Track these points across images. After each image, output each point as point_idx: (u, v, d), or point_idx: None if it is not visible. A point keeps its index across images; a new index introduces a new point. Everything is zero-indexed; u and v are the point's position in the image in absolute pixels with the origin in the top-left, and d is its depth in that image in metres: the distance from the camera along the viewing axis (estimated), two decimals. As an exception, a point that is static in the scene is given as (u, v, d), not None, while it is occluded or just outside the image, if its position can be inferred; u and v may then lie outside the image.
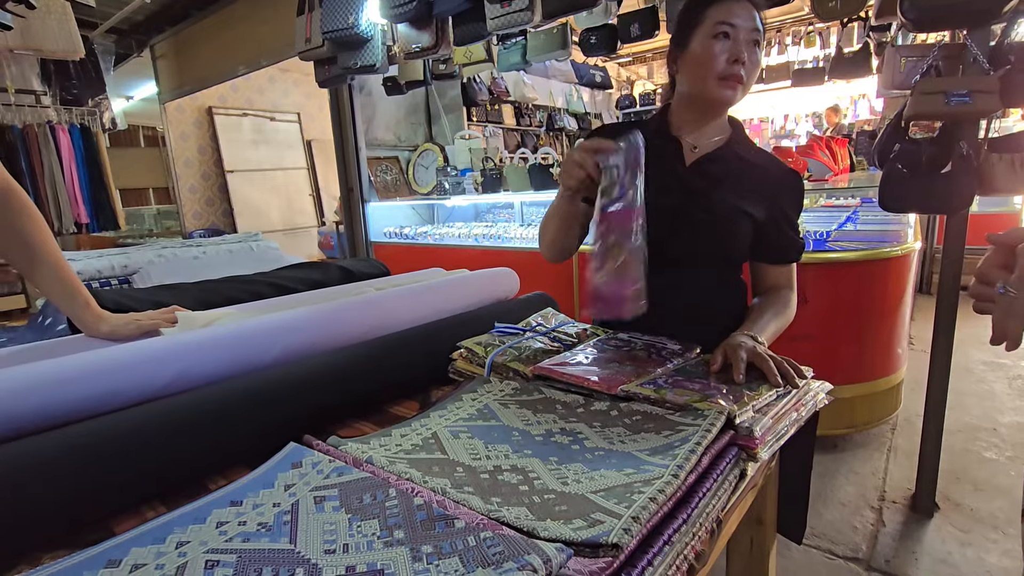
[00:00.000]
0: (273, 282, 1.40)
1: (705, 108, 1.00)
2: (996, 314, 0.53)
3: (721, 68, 0.91)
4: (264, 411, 0.73)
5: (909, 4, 1.50)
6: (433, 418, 0.73)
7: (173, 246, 1.90)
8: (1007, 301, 0.51)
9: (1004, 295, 0.52)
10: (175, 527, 0.52)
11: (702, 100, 0.97)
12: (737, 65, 0.91)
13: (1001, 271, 0.55)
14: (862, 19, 3.45)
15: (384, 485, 0.55)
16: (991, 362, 3.02)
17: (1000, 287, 0.52)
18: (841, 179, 3.14)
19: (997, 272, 0.55)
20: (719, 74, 0.92)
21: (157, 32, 4.11)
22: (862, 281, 2.12)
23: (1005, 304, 0.52)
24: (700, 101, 0.98)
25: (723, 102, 0.95)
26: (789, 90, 5.94)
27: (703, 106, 0.99)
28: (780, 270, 1.06)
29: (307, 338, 0.90)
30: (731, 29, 0.91)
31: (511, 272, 1.34)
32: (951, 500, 1.88)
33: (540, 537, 0.46)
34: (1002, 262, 0.55)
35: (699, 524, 0.52)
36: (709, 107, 0.99)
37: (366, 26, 2.46)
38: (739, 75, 0.92)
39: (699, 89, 0.96)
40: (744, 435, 0.63)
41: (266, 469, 0.61)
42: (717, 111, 1.01)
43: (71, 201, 3.34)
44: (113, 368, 0.71)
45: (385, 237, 3.50)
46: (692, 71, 0.96)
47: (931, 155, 1.62)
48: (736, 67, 0.91)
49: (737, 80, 0.92)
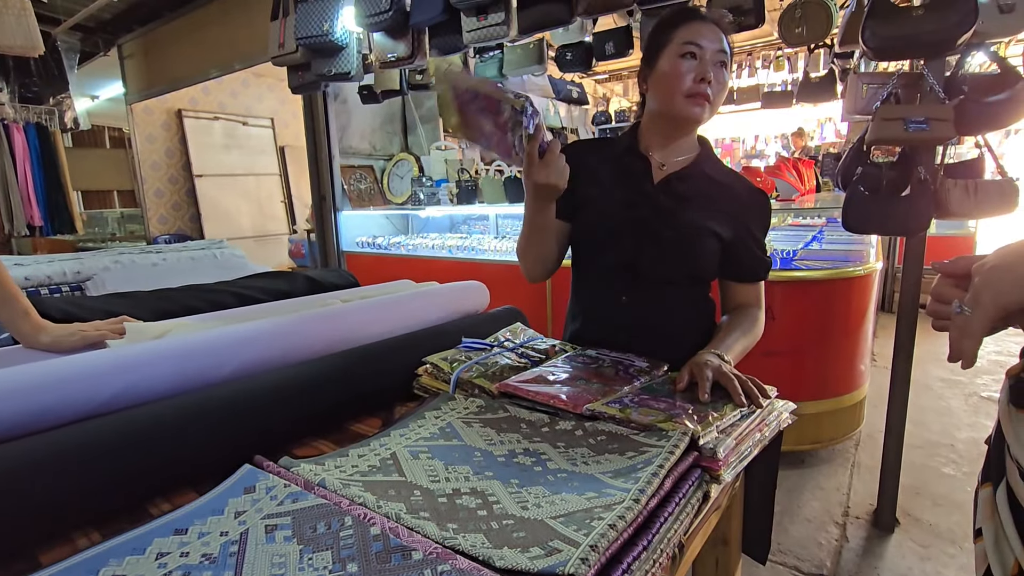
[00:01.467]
0: (236, 292, 1.35)
1: (674, 126, 1.01)
2: (953, 332, 0.54)
3: (688, 86, 0.93)
4: (214, 429, 0.69)
5: (870, 34, 1.55)
6: (393, 437, 0.71)
7: (131, 252, 1.82)
8: (963, 320, 0.52)
9: (960, 314, 0.53)
10: (110, 559, 0.48)
11: (670, 117, 0.99)
12: (703, 84, 0.93)
13: (956, 290, 0.56)
14: (827, 46, 3.58)
15: (340, 513, 0.52)
16: (948, 379, 3.12)
17: (956, 306, 0.53)
18: (807, 199, 3.23)
19: (952, 291, 0.56)
20: (686, 92, 0.93)
21: (125, 31, 4.01)
22: (827, 299, 2.17)
23: (961, 322, 0.53)
24: (668, 119, 0.99)
25: (691, 119, 0.96)
26: (759, 112, 6.13)
27: (671, 124, 1.00)
28: (748, 288, 1.07)
29: (265, 352, 0.87)
30: (698, 50, 0.93)
31: (481, 285, 1.33)
32: (911, 515, 1.92)
33: (495, 567, 0.44)
34: (956, 282, 0.57)
35: (660, 551, 0.50)
36: (677, 125, 1.00)
37: (341, 34, 2.44)
38: (705, 93, 0.94)
39: (667, 107, 0.97)
40: (708, 456, 0.63)
41: (216, 494, 0.58)
42: (685, 129, 1.02)
43: (24, 203, 3.20)
44: (47, 383, 0.66)
45: (357, 247, 3.45)
46: (661, 89, 0.97)
47: (891, 179, 1.68)
48: (702, 86, 0.93)
49: (704, 98, 0.94)
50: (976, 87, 1.55)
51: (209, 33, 3.48)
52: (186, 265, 1.83)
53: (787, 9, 2.06)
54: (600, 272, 1.06)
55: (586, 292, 1.11)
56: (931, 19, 1.47)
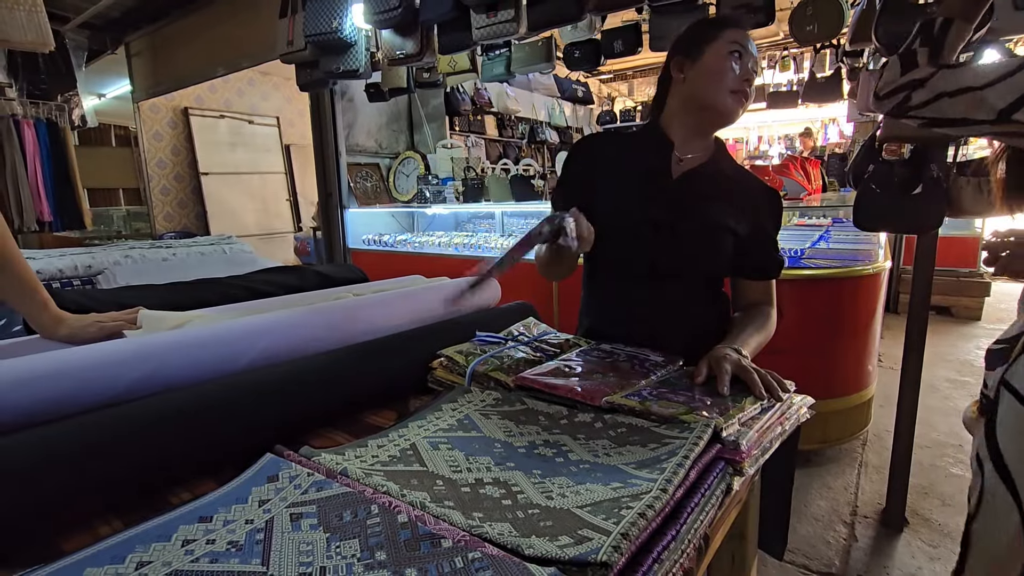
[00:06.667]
0: (247, 285, 1.35)
1: (707, 119, 1.01)
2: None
3: (735, 82, 0.96)
4: (232, 419, 0.69)
5: (883, 31, 1.55)
6: (411, 428, 0.71)
7: (141, 247, 1.82)
8: None
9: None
10: (136, 545, 0.48)
11: (709, 110, 0.99)
12: (747, 83, 0.96)
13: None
14: (834, 46, 3.58)
15: (366, 501, 0.52)
16: (955, 379, 3.11)
17: None
18: (814, 198, 3.22)
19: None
20: (732, 87, 0.96)
21: (133, 29, 4.01)
22: (836, 298, 2.16)
23: None
24: (705, 110, 0.99)
25: (730, 113, 0.98)
26: (762, 113, 6.12)
27: (706, 117, 1.01)
28: (761, 286, 1.07)
29: (283, 342, 0.87)
30: (744, 51, 0.96)
31: (492, 280, 1.32)
32: (920, 515, 1.91)
33: (524, 555, 0.44)
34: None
35: (688, 541, 0.50)
36: (711, 119, 1.01)
37: (350, 31, 2.44)
38: (747, 92, 0.97)
39: (711, 99, 0.97)
40: (731, 448, 0.63)
41: (240, 483, 0.58)
42: (718, 123, 1.02)
43: (33, 198, 3.21)
44: (69, 370, 0.66)
45: (363, 244, 3.45)
46: (705, 80, 0.97)
47: (903, 176, 1.66)
48: (747, 84, 0.96)
49: (745, 96, 0.97)
50: (990, 84, 1.54)
51: (216, 31, 3.49)
52: (195, 260, 1.83)
53: (798, 7, 2.05)
54: (616, 266, 1.06)
55: (601, 286, 1.10)
56: (945, 15, 1.46)
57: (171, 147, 4.93)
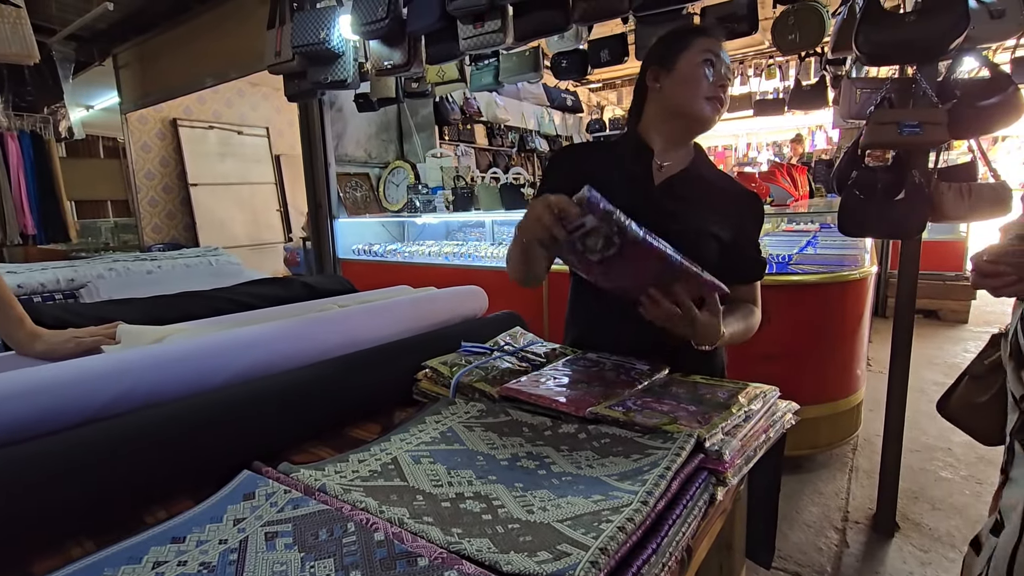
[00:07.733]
0: (233, 298, 1.34)
1: (684, 127, 1.02)
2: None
3: (709, 88, 0.97)
4: (211, 435, 0.68)
5: (863, 39, 1.57)
6: (394, 442, 0.70)
7: (125, 259, 1.80)
8: None
9: None
10: (105, 568, 0.47)
11: (685, 118, 1.00)
12: (722, 89, 0.97)
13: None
14: (819, 54, 3.62)
15: (343, 519, 0.51)
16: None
17: None
18: (801, 205, 3.25)
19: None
20: (707, 93, 0.97)
21: (121, 41, 3.99)
22: (824, 303, 2.18)
23: None
24: (682, 118, 1.00)
25: (707, 119, 0.99)
26: (751, 119, 6.19)
27: (683, 125, 1.02)
28: (745, 288, 1.07)
29: (265, 356, 0.85)
30: (716, 59, 0.97)
31: (479, 290, 1.32)
32: (911, 520, 1.91)
33: (502, 571, 0.43)
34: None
35: (669, 554, 0.50)
36: (688, 126, 1.02)
37: (337, 42, 2.44)
38: (723, 97, 0.98)
39: (686, 107, 0.98)
40: (714, 459, 0.62)
41: (215, 501, 0.57)
42: (695, 130, 1.03)
43: (17, 211, 3.17)
44: (41, 388, 0.65)
45: (354, 254, 3.44)
46: (680, 89, 0.98)
47: (886, 182, 1.69)
48: (721, 90, 0.97)
49: (720, 102, 0.98)
50: (968, 91, 1.56)
51: (204, 42, 3.48)
52: (181, 272, 1.82)
53: (780, 16, 2.08)
54: None
55: (586, 296, 1.10)
56: (923, 25, 1.49)
57: (159, 158, 4.89)
